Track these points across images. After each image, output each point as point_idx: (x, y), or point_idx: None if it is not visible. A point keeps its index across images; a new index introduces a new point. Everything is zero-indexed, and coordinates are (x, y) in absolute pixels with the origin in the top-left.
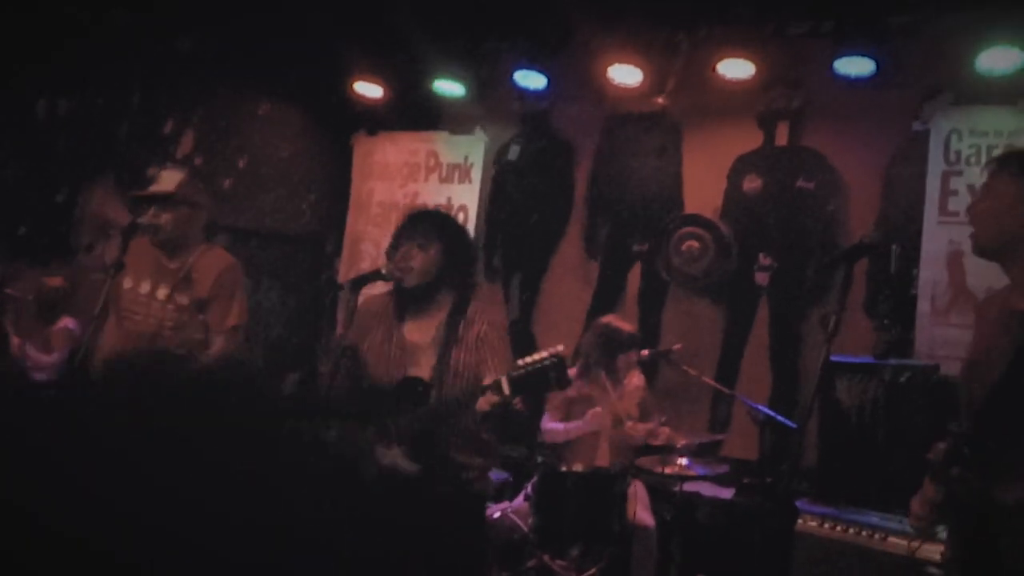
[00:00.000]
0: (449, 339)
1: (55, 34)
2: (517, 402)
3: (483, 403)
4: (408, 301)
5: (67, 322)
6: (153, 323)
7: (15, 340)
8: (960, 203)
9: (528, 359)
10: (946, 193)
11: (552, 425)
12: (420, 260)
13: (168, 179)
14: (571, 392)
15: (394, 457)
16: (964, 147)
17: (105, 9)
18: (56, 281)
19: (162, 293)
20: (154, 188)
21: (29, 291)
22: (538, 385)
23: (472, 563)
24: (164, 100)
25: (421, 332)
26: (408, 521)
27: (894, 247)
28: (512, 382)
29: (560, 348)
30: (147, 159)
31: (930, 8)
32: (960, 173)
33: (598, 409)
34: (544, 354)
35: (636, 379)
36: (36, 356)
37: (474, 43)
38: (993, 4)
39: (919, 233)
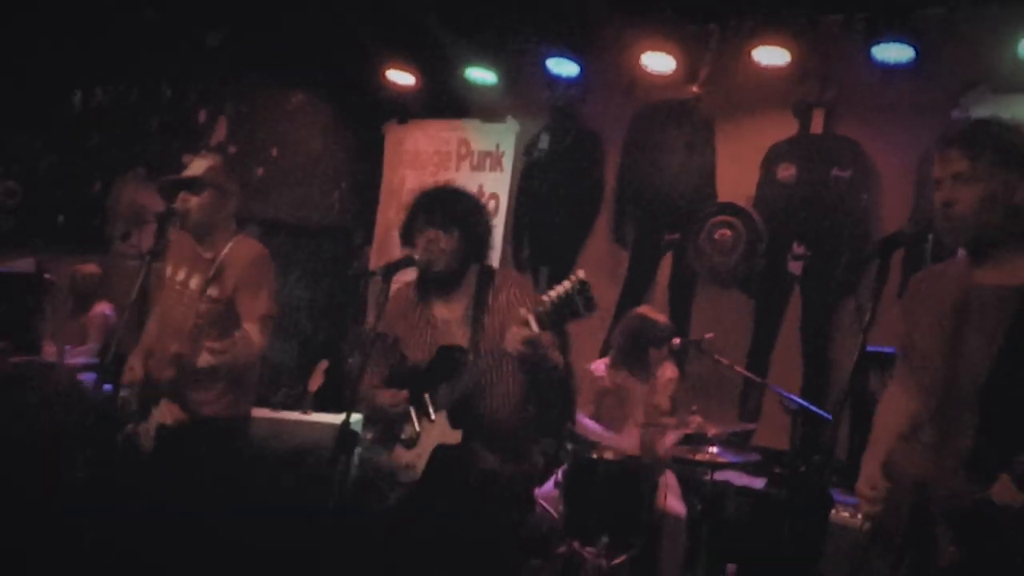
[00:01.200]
0: (480, 309)
1: (89, 28)
2: (550, 346)
3: (513, 342)
4: (436, 283)
5: (103, 307)
6: (191, 315)
7: (50, 348)
8: None
9: (551, 292)
10: None
11: (588, 423)
12: (446, 243)
13: (197, 165)
14: (603, 383)
15: (443, 430)
16: None
17: (138, 2)
18: (90, 268)
19: (195, 283)
20: (183, 173)
21: (65, 278)
22: (566, 314)
23: (506, 545)
24: (197, 90)
25: (451, 309)
26: (456, 496)
27: (930, 237)
28: (539, 317)
29: (581, 273)
30: (181, 148)
31: None
32: None
33: (635, 437)
34: (567, 283)
35: (669, 371)
36: (73, 355)
37: (506, 30)
38: None
39: None
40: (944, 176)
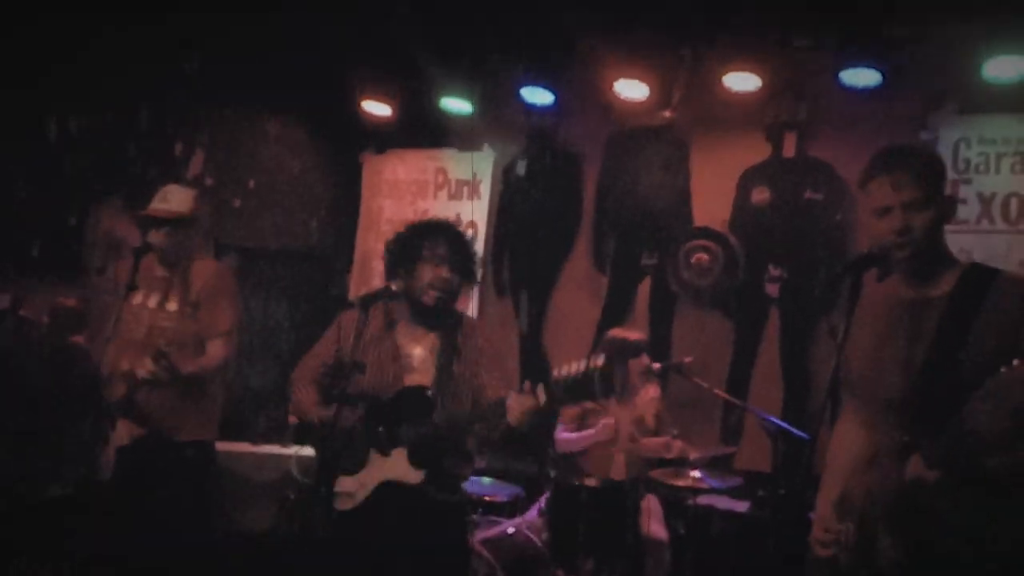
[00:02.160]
0: (450, 351)
1: (64, 57)
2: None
3: (517, 410)
4: (415, 314)
5: (78, 341)
6: (144, 330)
7: None
8: (970, 212)
9: (567, 368)
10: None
11: (565, 435)
12: (447, 278)
13: (181, 200)
14: (586, 404)
15: (394, 466)
16: (973, 155)
17: (113, 31)
18: (70, 302)
19: (153, 301)
20: (168, 208)
21: (43, 312)
22: (579, 394)
23: (458, 570)
24: (173, 120)
25: (418, 342)
26: (399, 529)
27: None
28: (549, 392)
29: (600, 360)
30: (157, 179)
31: (934, 20)
32: (969, 181)
33: (610, 419)
34: (584, 364)
35: (652, 390)
36: None
37: (480, 60)
38: (999, 14)
39: None
40: (895, 203)
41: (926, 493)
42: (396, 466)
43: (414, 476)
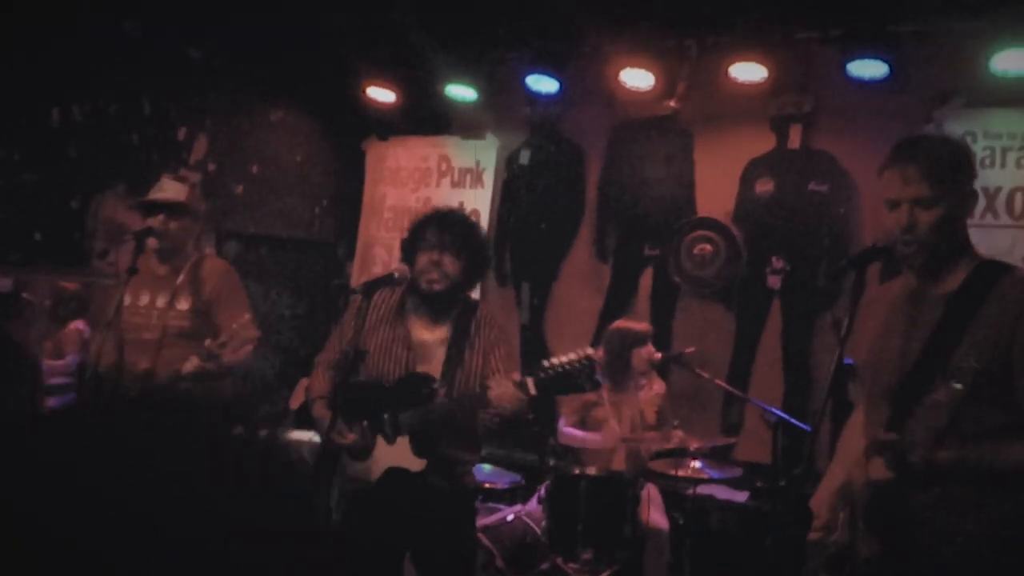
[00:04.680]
0: (461, 339)
1: (68, 43)
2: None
3: (505, 400)
4: (422, 304)
5: (78, 324)
6: (156, 332)
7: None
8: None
9: (557, 360)
10: None
11: (569, 430)
12: (453, 268)
13: (176, 188)
14: (589, 396)
15: (399, 454)
16: (979, 149)
17: (117, 18)
18: (72, 286)
19: (161, 301)
20: (164, 196)
21: (44, 296)
22: (567, 387)
23: (465, 557)
24: (176, 106)
25: (430, 331)
26: (406, 514)
27: None
28: (540, 383)
29: (590, 351)
30: (160, 165)
31: (940, 14)
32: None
33: (615, 428)
34: (573, 356)
35: (657, 386)
36: (50, 364)
37: (485, 47)
38: (1007, 7)
39: None
40: (903, 198)
41: (889, 492)
42: (400, 454)
43: (417, 464)
